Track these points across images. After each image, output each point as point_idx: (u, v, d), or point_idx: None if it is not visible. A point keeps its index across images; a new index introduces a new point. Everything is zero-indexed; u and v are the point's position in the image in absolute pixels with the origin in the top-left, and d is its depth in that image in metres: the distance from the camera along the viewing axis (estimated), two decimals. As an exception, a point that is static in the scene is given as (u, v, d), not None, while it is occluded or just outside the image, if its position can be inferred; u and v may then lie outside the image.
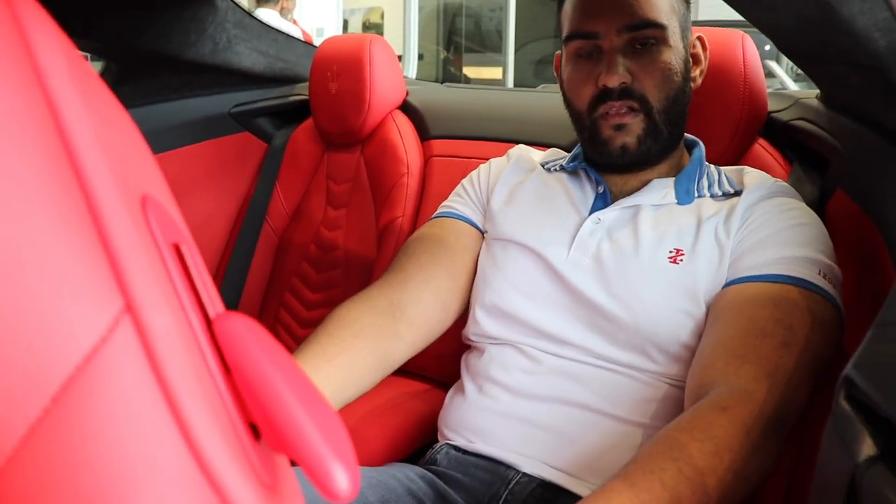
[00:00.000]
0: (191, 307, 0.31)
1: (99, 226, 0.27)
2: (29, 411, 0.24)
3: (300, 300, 1.80)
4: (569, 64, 1.04)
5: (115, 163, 0.30)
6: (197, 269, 0.34)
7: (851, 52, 0.80)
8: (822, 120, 1.15)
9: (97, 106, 0.32)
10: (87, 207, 0.27)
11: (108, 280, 0.27)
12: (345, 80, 1.69)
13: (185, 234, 0.36)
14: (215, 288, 0.36)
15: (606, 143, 1.01)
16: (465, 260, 1.12)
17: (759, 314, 0.85)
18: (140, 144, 0.37)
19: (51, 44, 0.31)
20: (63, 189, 0.27)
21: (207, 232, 1.89)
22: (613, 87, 0.97)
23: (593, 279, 0.99)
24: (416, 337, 1.03)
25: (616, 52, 0.98)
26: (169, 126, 1.80)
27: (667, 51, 0.99)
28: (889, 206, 0.87)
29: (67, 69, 0.31)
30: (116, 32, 1.53)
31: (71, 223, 0.26)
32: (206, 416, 0.28)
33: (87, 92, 0.32)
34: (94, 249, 0.27)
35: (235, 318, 0.31)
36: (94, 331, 0.25)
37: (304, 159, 1.85)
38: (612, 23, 0.97)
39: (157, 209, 0.33)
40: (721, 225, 0.96)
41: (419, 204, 1.61)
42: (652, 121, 0.99)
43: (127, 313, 0.27)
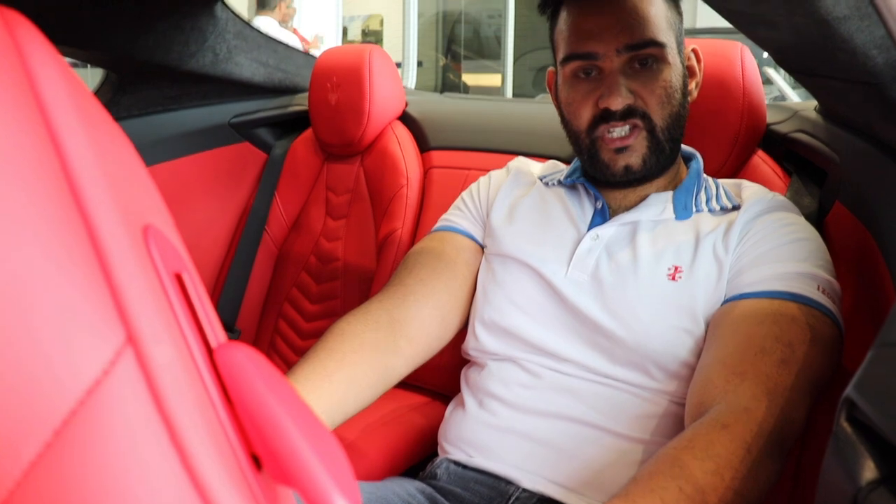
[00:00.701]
0: (192, 337, 0.32)
1: (101, 257, 0.28)
2: (31, 445, 0.24)
3: (300, 311, 1.80)
4: (566, 84, 1.03)
5: (118, 193, 0.30)
6: (198, 298, 0.34)
7: (850, 68, 0.80)
8: (821, 132, 1.15)
9: (99, 135, 0.32)
10: (90, 239, 0.28)
11: (111, 312, 0.27)
12: (344, 90, 1.69)
13: (187, 262, 0.36)
14: (216, 314, 0.36)
15: (609, 166, 1.01)
16: (465, 274, 1.12)
17: (758, 331, 0.84)
18: (141, 172, 0.37)
19: (52, 72, 0.31)
20: (65, 221, 0.27)
21: (207, 242, 1.89)
22: (616, 110, 0.96)
23: (592, 297, 0.99)
24: (416, 351, 1.03)
25: (616, 72, 0.97)
26: (169, 136, 1.81)
27: (666, 68, 0.98)
28: (887, 219, 0.87)
29: (69, 98, 0.31)
30: (117, 43, 1.53)
31: (73, 255, 0.26)
32: (208, 447, 0.28)
33: (88, 121, 0.32)
34: (97, 281, 0.27)
35: (236, 347, 0.31)
36: (97, 363, 0.25)
37: (304, 170, 1.85)
38: (611, 43, 0.96)
39: (158, 238, 0.33)
40: (719, 241, 0.96)
41: (419, 215, 1.61)
42: (655, 138, 0.99)
43: (129, 345, 0.27)
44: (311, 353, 0.93)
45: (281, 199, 1.86)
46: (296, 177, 1.86)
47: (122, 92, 1.71)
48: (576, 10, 1.00)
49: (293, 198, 1.86)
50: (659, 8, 0.98)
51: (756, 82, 1.24)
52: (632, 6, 0.96)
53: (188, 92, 1.82)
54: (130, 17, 1.48)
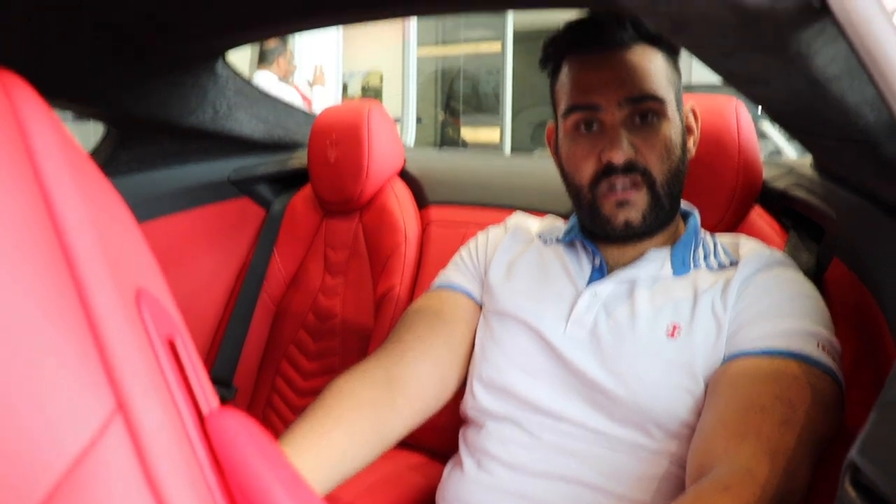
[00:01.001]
0: (184, 403, 0.31)
1: (92, 323, 0.27)
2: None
3: (297, 369, 1.78)
4: (567, 137, 1.03)
5: (111, 256, 0.30)
6: (191, 363, 0.33)
7: (842, 126, 0.80)
8: (817, 188, 1.16)
9: (93, 197, 0.32)
10: (81, 304, 0.27)
11: (101, 378, 0.26)
12: (343, 147, 1.70)
13: (180, 325, 0.35)
14: (208, 378, 0.35)
15: (609, 220, 1.00)
16: (464, 332, 1.11)
17: (759, 390, 0.83)
18: (135, 234, 0.37)
19: (48, 134, 0.31)
20: (57, 286, 0.26)
21: (205, 297, 1.89)
22: (619, 164, 0.97)
23: (590, 355, 0.98)
24: (414, 410, 1.02)
25: (618, 126, 0.97)
26: (169, 191, 1.81)
27: (666, 124, 0.99)
28: (885, 276, 0.87)
29: (64, 159, 0.31)
30: (118, 99, 1.55)
31: (65, 321, 0.26)
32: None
33: (83, 182, 0.32)
34: (88, 347, 0.27)
35: (229, 414, 0.31)
36: (86, 431, 0.25)
37: (303, 226, 1.86)
38: (613, 96, 0.97)
39: (151, 303, 0.33)
40: (718, 298, 0.95)
41: (417, 272, 1.61)
42: (655, 194, 0.99)
43: (119, 412, 0.26)
44: (308, 412, 0.92)
45: (279, 255, 1.86)
46: (294, 233, 1.86)
47: (122, 147, 1.72)
48: (578, 65, 1.01)
49: (292, 254, 1.86)
50: (659, 65, 0.99)
51: (752, 138, 1.25)
52: (633, 62, 0.98)
53: (188, 148, 1.84)
54: (132, 73, 1.50)
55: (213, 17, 1.26)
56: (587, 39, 1.00)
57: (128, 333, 0.29)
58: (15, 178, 0.27)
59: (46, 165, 0.30)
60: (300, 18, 1.28)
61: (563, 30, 1.04)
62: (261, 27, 1.34)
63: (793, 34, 0.59)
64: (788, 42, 0.60)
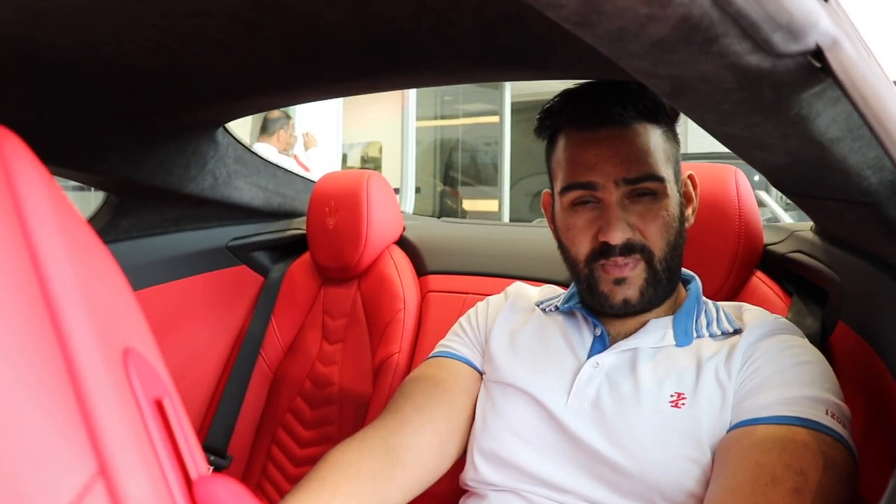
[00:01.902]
0: (171, 468, 0.30)
1: (76, 383, 0.26)
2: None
3: (293, 437, 1.75)
4: (564, 212, 1.02)
5: (98, 316, 0.29)
6: (180, 426, 0.32)
7: (845, 188, 0.80)
8: (819, 252, 1.15)
9: (83, 256, 0.31)
10: (66, 365, 0.26)
11: (83, 442, 0.25)
12: (342, 215, 1.71)
13: (169, 387, 0.34)
14: (197, 443, 0.34)
15: (607, 297, 0.99)
16: (464, 402, 1.09)
17: (768, 459, 0.80)
18: (126, 295, 0.36)
19: (38, 191, 0.30)
20: (41, 346, 0.25)
21: (201, 364, 1.86)
22: (616, 245, 0.95)
23: (594, 427, 0.95)
24: (413, 481, 0.99)
25: (615, 205, 0.96)
26: (167, 258, 1.81)
27: (665, 200, 0.97)
28: (892, 337, 0.85)
29: (53, 217, 0.30)
30: (118, 166, 1.56)
31: (47, 382, 0.25)
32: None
33: (72, 242, 0.31)
34: (70, 410, 0.25)
35: (218, 480, 0.30)
36: (64, 496, 0.24)
37: (301, 293, 1.85)
38: (610, 175, 0.95)
39: (139, 363, 0.32)
40: (722, 366, 0.93)
41: (416, 340, 1.60)
42: (653, 269, 0.97)
43: (100, 478, 0.25)
44: (304, 484, 0.89)
45: (277, 323, 1.85)
46: (292, 300, 1.85)
47: (121, 214, 1.73)
48: (575, 140, 1.00)
49: (289, 321, 1.85)
50: (657, 141, 0.98)
51: (751, 204, 1.26)
52: (631, 140, 0.96)
53: (187, 214, 1.84)
54: (133, 141, 1.51)
55: (217, 86, 1.28)
56: (586, 115, 0.99)
57: (113, 393, 0.28)
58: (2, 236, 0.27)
59: (35, 224, 0.29)
60: (300, 90, 1.30)
61: (559, 100, 1.03)
62: (261, 98, 1.36)
63: (793, 96, 0.59)
64: (789, 104, 0.60)
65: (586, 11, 0.45)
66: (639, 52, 0.52)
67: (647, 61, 0.54)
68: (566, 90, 1.03)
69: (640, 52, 0.52)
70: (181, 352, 1.82)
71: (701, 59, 0.52)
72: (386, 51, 1.06)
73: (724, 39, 0.49)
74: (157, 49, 1.06)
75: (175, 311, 1.81)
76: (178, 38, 1.02)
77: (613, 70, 0.79)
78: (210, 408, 1.85)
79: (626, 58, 0.54)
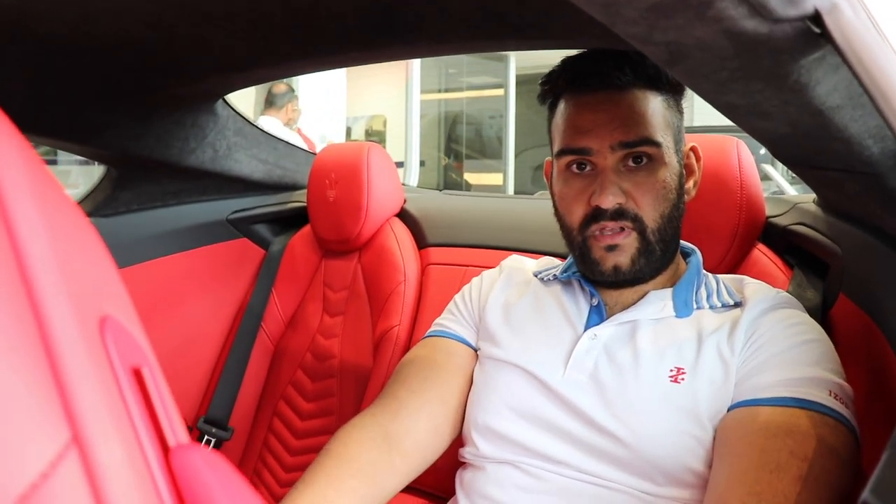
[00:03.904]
0: (147, 437, 0.29)
1: (50, 352, 0.26)
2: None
3: (295, 410, 1.76)
4: (560, 178, 1.02)
5: (75, 285, 0.29)
6: (158, 395, 0.32)
7: (846, 158, 0.79)
8: (821, 224, 1.15)
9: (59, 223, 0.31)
10: (39, 332, 0.26)
11: (56, 410, 0.25)
12: (342, 187, 1.70)
13: (149, 356, 0.34)
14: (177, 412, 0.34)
15: (598, 263, 0.99)
16: (458, 382, 1.09)
17: (772, 445, 0.80)
18: (104, 262, 0.35)
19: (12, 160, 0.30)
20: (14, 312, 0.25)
21: (203, 337, 1.87)
22: (607, 209, 0.95)
23: (592, 398, 0.95)
24: (411, 467, 1.00)
25: (610, 170, 0.95)
26: (167, 231, 1.81)
27: (662, 168, 0.96)
28: (892, 309, 0.85)
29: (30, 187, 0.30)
30: (118, 139, 1.55)
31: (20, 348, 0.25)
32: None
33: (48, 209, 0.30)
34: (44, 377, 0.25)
35: (194, 450, 0.29)
36: (35, 465, 0.23)
37: (302, 266, 1.85)
38: (606, 139, 0.95)
39: (116, 331, 0.31)
40: (724, 341, 0.93)
41: (416, 312, 1.60)
42: (645, 240, 0.97)
43: (74, 445, 0.25)
44: (309, 478, 0.90)
45: (278, 296, 1.85)
46: (293, 273, 1.85)
47: (121, 187, 1.73)
48: (573, 104, 0.99)
49: (290, 294, 1.85)
50: (657, 107, 0.97)
51: (753, 175, 1.25)
52: (628, 104, 0.96)
53: (187, 187, 1.84)
54: (130, 114, 1.50)
55: (215, 59, 1.27)
56: (584, 79, 0.99)
57: (88, 362, 0.27)
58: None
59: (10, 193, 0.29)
60: (298, 62, 1.29)
61: (560, 66, 1.03)
62: (259, 70, 1.35)
63: (792, 62, 0.58)
64: (788, 71, 0.59)
65: (578, -26, 0.44)
66: (633, 17, 0.51)
67: (642, 27, 0.53)
68: (566, 57, 1.02)
69: (635, 18, 0.51)
70: (183, 324, 1.82)
71: (696, 24, 0.51)
72: (384, 22, 1.05)
73: (719, 3, 0.48)
74: (153, 23, 1.05)
75: (176, 283, 1.82)
76: (174, 12, 1.01)
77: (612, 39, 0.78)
78: (212, 380, 1.86)
79: (620, 24, 0.53)
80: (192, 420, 1.82)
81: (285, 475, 1.73)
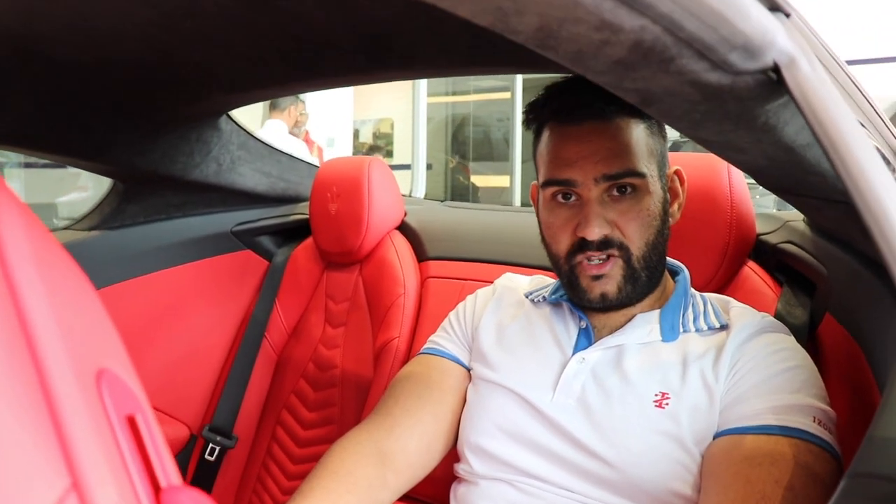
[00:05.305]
0: (139, 480, 0.32)
1: (51, 404, 0.28)
2: None
3: (297, 418, 1.79)
4: (546, 207, 1.03)
5: (73, 341, 0.32)
6: (151, 439, 0.34)
7: (822, 188, 0.82)
8: (809, 244, 1.16)
9: (56, 278, 0.34)
10: (41, 385, 0.28)
11: (57, 458, 0.27)
12: (344, 201, 1.73)
13: (142, 402, 0.36)
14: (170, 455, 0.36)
15: (586, 292, 1.00)
16: (451, 400, 1.11)
17: (758, 475, 0.81)
18: (99, 314, 0.38)
19: (14, 223, 0.32)
20: (17, 368, 0.28)
21: (208, 347, 1.90)
22: (593, 241, 0.96)
23: (580, 421, 0.97)
24: (402, 484, 1.03)
25: (594, 202, 0.96)
26: (172, 243, 1.84)
27: (646, 197, 0.97)
28: (873, 333, 0.86)
29: (31, 250, 0.32)
30: (124, 155, 1.58)
31: (24, 403, 0.27)
32: None
33: (47, 269, 0.33)
34: (46, 428, 0.28)
35: (183, 491, 0.32)
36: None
37: (304, 277, 1.88)
38: (590, 172, 0.96)
39: (111, 382, 0.34)
40: (709, 369, 0.94)
41: (416, 324, 1.62)
42: (631, 267, 0.98)
43: (73, 491, 0.27)
44: (306, 491, 0.92)
45: (281, 306, 1.88)
46: (296, 284, 1.88)
47: (127, 201, 1.76)
48: (557, 135, 1.00)
49: (293, 305, 1.88)
50: (640, 135, 0.98)
51: (744, 193, 1.26)
52: (612, 135, 0.96)
53: (192, 200, 1.87)
54: (136, 131, 1.53)
55: (216, 79, 1.30)
56: (568, 110, 0.99)
57: (85, 413, 0.30)
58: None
59: (13, 256, 0.31)
60: (296, 83, 1.31)
61: (544, 96, 1.03)
62: (259, 91, 1.38)
63: (758, 107, 0.60)
64: (756, 114, 0.62)
65: (542, 37, 0.47)
66: (601, 69, 0.54)
67: (611, 77, 0.56)
68: (550, 84, 1.03)
69: (603, 70, 0.54)
70: (187, 335, 1.85)
71: (661, 76, 0.54)
72: (377, 49, 1.07)
73: (680, 60, 0.50)
74: (156, 46, 1.08)
75: (181, 294, 1.85)
76: (175, 37, 1.04)
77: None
78: (216, 389, 1.89)
79: (590, 73, 0.56)
80: (198, 428, 1.85)
81: (288, 483, 1.76)
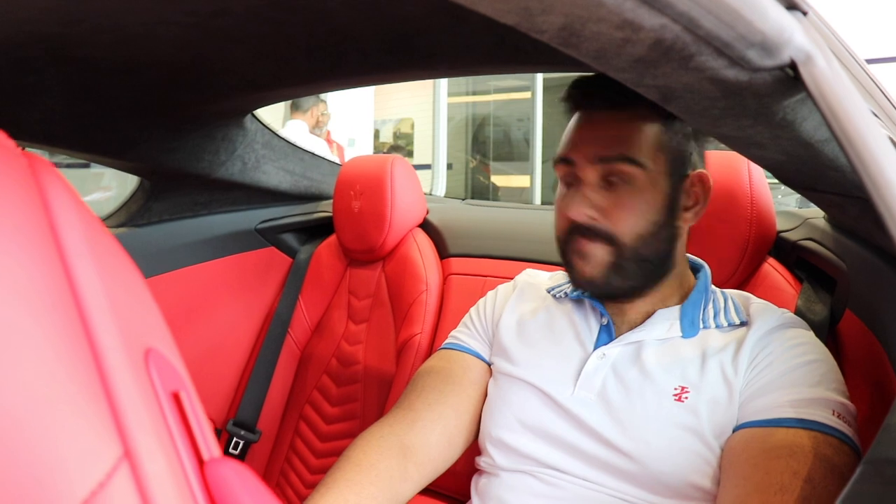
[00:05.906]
0: (185, 452, 0.34)
1: (104, 379, 0.30)
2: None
3: (320, 414, 1.81)
4: (557, 189, 1.06)
5: (122, 319, 0.34)
6: (194, 415, 0.36)
7: (841, 183, 0.82)
8: (829, 241, 1.16)
9: (108, 264, 0.36)
10: (95, 361, 0.31)
11: (110, 429, 0.30)
12: (367, 199, 1.75)
13: (185, 380, 0.38)
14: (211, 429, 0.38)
15: (576, 272, 1.01)
16: (472, 395, 1.13)
17: (776, 466, 0.82)
18: (146, 298, 0.40)
19: (69, 209, 0.34)
20: (73, 346, 0.30)
21: (232, 342, 1.93)
22: (579, 222, 0.98)
23: (600, 415, 0.98)
24: (423, 477, 1.04)
25: (589, 184, 0.98)
26: (198, 240, 1.87)
27: (645, 189, 0.97)
28: (893, 328, 0.87)
29: (84, 233, 0.34)
30: (151, 153, 1.61)
31: (79, 377, 0.29)
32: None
33: (99, 251, 0.35)
34: (99, 401, 0.30)
35: (226, 463, 0.34)
36: (95, 475, 0.28)
37: (328, 274, 1.90)
38: (589, 153, 0.97)
39: (158, 360, 0.36)
40: (729, 362, 0.94)
41: (438, 321, 1.64)
42: (618, 256, 0.98)
43: (126, 459, 0.29)
44: (329, 483, 0.94)
45: (304, 303, 1.91)
46: (319, 281, 1.91)
47: (154, 198, 1.78)
48: (576, 119, 1.03)
49: (316, 301, 1.90)
50: (651, 130, 0.98)
51: (764, 191, 1.26)
52: (622, 123, 0.98)
53: (217, 198, 1.90)
54: (163, 130, 1.56)
55: (240, 78, 1.32)
56: (589, 98, 1.02)
57: (135, 388, 0.32)
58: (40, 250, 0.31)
59: (67, 238, 0.33)
60: (321, 82, 1.33)
61: (572, 84, 1.05)
62: (284, 89, 1.40)
63: (776, 104, 0.61)
64: (774, 110, 0.63)
65: (566, 36, 0.49)
66: (622, 66, 0.56)
67: (632, 74, 0.57)
68: (580, 75, 1.06)
69: (624, 67, 0.56)
70: (213, 330, 1.88)
71: (681, 73, 0.55)
72: (401, 47, 1.09)
73: (699, 57, 0.52)
74: (182, 46, 1.10)
75: (206, 291, 1.87)
76: (202, 36, 1.06)
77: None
78: (241, 384, 1.91)
79: (612, 71, 0.57)
80: (222, 422, 1.88)
81: (310, 477, 1.78)
